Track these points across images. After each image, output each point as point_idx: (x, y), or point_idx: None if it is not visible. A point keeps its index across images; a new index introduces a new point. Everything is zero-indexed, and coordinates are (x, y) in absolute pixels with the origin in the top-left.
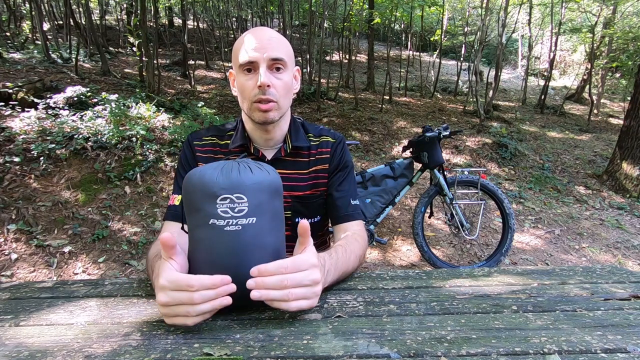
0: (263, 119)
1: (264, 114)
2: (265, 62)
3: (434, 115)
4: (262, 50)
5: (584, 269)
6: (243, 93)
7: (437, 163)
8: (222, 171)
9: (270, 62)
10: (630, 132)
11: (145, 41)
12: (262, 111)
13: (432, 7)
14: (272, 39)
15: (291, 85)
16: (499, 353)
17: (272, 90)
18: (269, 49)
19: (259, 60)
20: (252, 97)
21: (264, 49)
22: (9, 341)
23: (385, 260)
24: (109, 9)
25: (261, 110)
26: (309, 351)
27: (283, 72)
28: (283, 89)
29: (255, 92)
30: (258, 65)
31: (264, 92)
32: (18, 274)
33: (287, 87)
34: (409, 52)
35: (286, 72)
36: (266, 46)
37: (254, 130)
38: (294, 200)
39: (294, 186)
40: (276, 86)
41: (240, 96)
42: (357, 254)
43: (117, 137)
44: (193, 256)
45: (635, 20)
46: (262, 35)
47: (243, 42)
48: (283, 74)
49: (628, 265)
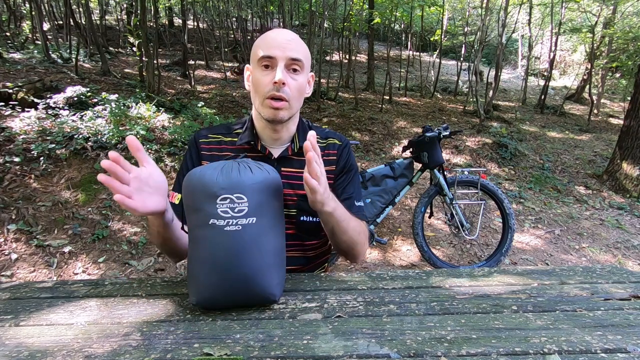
0: (273, 116)
1: (274, 111)
2: (284, 60)
3: (434, 115)
4: (282, 49)
5: (584, 269)
6: (257, 87)
7: (437, 163)
8: (222, 171)
9: (288, 61)
10: (630, 132)
11: (145, 41)
12: (273, 108)
13: (432, 7)
14: (292, 41)
15: (304, 88)
16: (499, 353)
17: (287, 89)
18: (289, 49)
19: (278, 57)
20: (265, 92)
21: (284, 48)
22: (9, 341)
23: (385, 260)
24: (109, 9)
25: (272, 107)
26: (309, 351)
27: (299, 74)
28: (296, 90)
29: (269, 88)
30: (276, 63)
31: (278, 89)
32: (18, 274)
33: (300, 88)
34: (409, 52)
35: (302, 74)
36: (286, 46)
37: (263, 129)
38: (299, 198)
39: (300, 185)
40: (291, 86)
41: (254, 91)
42: (357, 229)
43: (117, 137)
44: (193, 255)
45: (635, 20)
46: (284, 35)
47: (265, 39)
48: (298, 76)
49: (628, 265)
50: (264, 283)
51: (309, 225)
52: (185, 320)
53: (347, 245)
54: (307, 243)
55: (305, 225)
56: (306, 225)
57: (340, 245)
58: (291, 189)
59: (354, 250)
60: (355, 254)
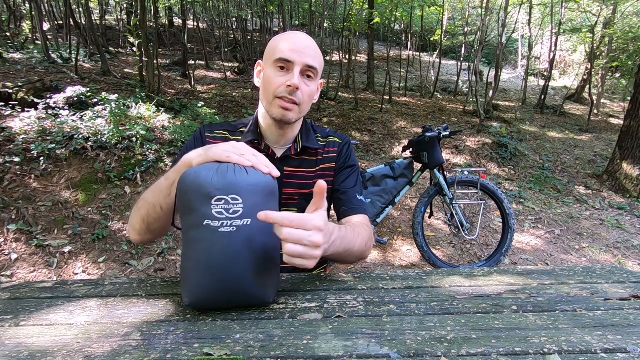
0: (281, 115)
1: (284, 112)
2: (300, 66)
3: (434, 115)
4: (301, 54)
5: (584, 269)
6: (269, 86)
7: (437, 163)
8: (218, 172)
9: (304, 67)
10: (630, 132)
11: (145, 41)
12: (283, 108)
13: (432, 7)
14: (310, 47)
15: (314, 94)
16: (499, 353)
17: (299, 94)
18: (307, 56)
19: (295, 62)
20: (278, 92)
21: (303, 54)
22: (9, 341)
23: (385, 260)
24: (109, 9)
25: (282, 107)
26: (309, 351)
27: (312, 81)
28: (308, 96)
29: (282, 90)
30: (293, 67)
31: (291, 92)
32: (18, 274)
33: (311, 95)
34: (409, 52)
35: (315, 81)
36: (305, 52)
37: (269, 128)
38: (300, 197)
39: (302, 184)
40: (303, 91)
41: (264, 89)
42: (364, 237)
43: (117, 137)
44: (187, 256)
45: (635, 20)
46: (304, 41)
47: (284, 40)
48: (311, 83)
49: (628, 265)
50: (258, 285)
51: None
52: (185, 320)
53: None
54: None
55: None
56: None
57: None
58: (293, 188)
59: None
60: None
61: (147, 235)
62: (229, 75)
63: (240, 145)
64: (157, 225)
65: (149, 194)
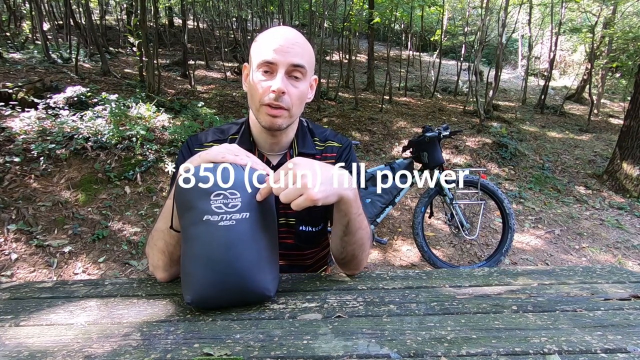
0: (270, 123)
1: (272, 119)
2: (285, 67)
3: (434, 115)
4: (285, 53)
5: (583, 269)
6: (254, 93)
7: (437, 163)
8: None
9: (290, 67)
10: (630, 132)
11: (145, 41)
12: (270, 115)
13: (432, 7)
14: (296, 44)
15: (306, 95)
16: (499, 353)
17: (286, 98)
18: (292, 54)
19: (278, 63)
20: (263, 99)
21: (287, 53)
22: (9, 341)
23: (385, 260)
24: (109, 9)
25: (270, 114)
26: (309, 351)
27: (300, 81)
28: (297, 98)
29: (267, 95)
30: (277, 69)
31: (277, 97)
32: (18, 274)
33: (302, 96)
34: (409, 52)
35: (304, 80)
36: (289, 50)
37: (260, 134)
38: None
39: None
40: (291, 94)
41: (250, 95)
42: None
43: (117, 137)
44: (187, 254)
45: (635, 20)
46: (288, 37)
47: (266, 39)
48: (300, 83)
49: (628, 265)
50: (258, 278)
51: (308, 235)
52: (185, 320)
53: (353, 249)
54: (306, 252)
55: (304, 235)
56: (305, 235)
57: (346, 248)
58: None
59: (357, 259)
60: (357, 263)
61: (173, 268)
62: (229, 75)
63: (233, 147)
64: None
65: (159, 223)
